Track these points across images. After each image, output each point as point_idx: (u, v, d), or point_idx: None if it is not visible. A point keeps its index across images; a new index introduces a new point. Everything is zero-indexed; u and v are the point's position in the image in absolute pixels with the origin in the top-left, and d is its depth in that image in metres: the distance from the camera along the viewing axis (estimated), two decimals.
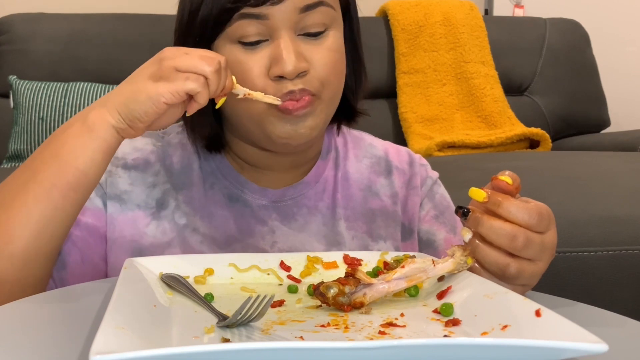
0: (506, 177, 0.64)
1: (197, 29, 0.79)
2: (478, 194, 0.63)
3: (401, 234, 0.91)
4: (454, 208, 0.92)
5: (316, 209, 0.88)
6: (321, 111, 0.79)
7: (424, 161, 0.96)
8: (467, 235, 0.64)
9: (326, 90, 0.79)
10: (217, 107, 0.73)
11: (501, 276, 0.63)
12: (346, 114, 0.90)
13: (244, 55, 0.77)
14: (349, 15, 0.85)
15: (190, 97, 0.69)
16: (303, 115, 0.77)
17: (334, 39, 0.79)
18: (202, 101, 0.68)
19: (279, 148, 0.83)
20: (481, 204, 0.63)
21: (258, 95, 0.74)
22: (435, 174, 0.95)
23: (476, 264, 0.64)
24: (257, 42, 0.76)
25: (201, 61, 0.67)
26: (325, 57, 0.78)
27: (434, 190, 0.94)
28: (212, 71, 0.67)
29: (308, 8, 0.76)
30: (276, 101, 0.75)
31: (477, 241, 0.63)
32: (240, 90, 0.73)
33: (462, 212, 0.64)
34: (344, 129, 0.95)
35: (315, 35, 0.78)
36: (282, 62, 0.75)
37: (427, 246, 0.91)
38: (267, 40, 0.77)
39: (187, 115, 0.71)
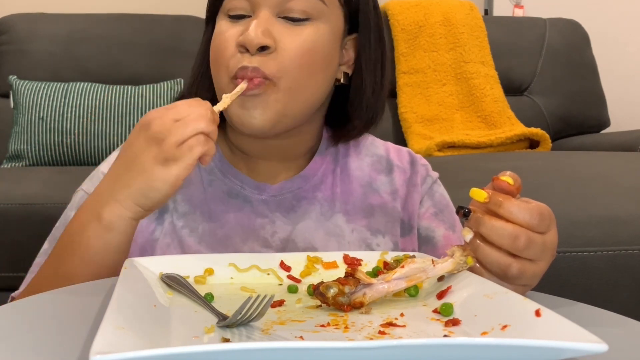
0: (507, 178, 0.63)
1: (208, 3, 0.85)
2: (479, 194, 0.63)
3: (401, 230, 0.92)
4: (453, 207, 0.94)
5: (315, 199, 0.89)
6: (276, 101, 0.78)
7: (425, 161, 0.97)
8: (468, 236, 0.64)
9: (285, 79, 0.78)
10: None
11: (503, 276, 0.63)
12: (344, 127, 0.90)
13: (227, 26, 0.80)
14: (357, 21, 0.85)
15: None
16: (253, 99, 0.77)
17: (314, 32, 0.79)
18: (212, 153, 0.68)
19: (239, 130, 0.83)
20: (482, 205, 0.63)
21: (227, 99, 0.74)
22: (435, 174, 0.96)
23: (477, 264, 0.64)
24: (241, 17, 0.80)
25: (195, 122, 0.66)
26: (295, 43, 0.78)
27: (434, 189, 0.95)
28: (209, 124, 0.67)
29: None
30: (240, 88, 0.76)
31: (478, 241, 0.63)
32: (217, 109, 0.73)
33: (463, 212, 0.64)
34: None
35: (294, 20, 0.79)
36: (247, 32, 0.77)
37: (426, 242, 0.92)
38: (250, 16, 0.79)
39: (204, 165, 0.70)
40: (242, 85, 0.76)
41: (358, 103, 0.87)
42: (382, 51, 0.88)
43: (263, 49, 0.77)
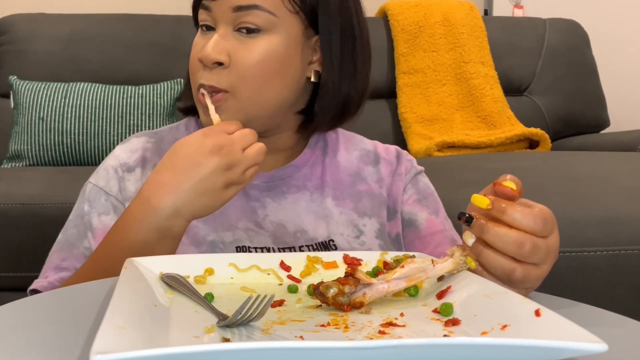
0: (510, 183, 0.63)
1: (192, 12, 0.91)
2: (481, 201, 0.63)
3: (387, 214, 0.96)
4: (437, 196, 0.99)
5: (305, 187, 0.94)
6: (237, 109, 0.84)
7: (411, 157, 1.02)
8: (470, 240, 0.63)
9: (243, 89, 0.84)
10: None
11: (507, 281, 0.63)
12: (316, 122, 0.92)
13: (199, 38, 0.87)
14: (322, 26, 0.87)
15: None
16: (217, 108, 0.84)
17: (266, 44, 0.84)
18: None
19: None
20: (483, 210, 0.63)
21: (215, 115, 0.83)
22: (420, 168, 1.01)
23: (480, 267, 0.64)
24: (210, 28, 0.86)
25: (257, 155, 0.77)
26: (248, 57, 0.83)
27: (418, 179, 0.99)
28: (264, 155, 0.77)
29: (240, 9, 0.83)
30: (212, 106, 0.84)
31: (481, 247, 0.63)
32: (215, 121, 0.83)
33: (465, 218, 0.63)
34: (339, 130, 1.01)
35: (249, 32, 0.84)
36: (204, 49, 0.84)
37: (409, 225, 0.96)
38: (214, 29, 0.86)
39: None
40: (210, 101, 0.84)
41: (322, 98, 0.89)
42: (353, 47, 0.89)
43: (219, 64, 0.83)
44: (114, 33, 2.44)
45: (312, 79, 0.89)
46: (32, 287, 0.88)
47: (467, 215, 0.63)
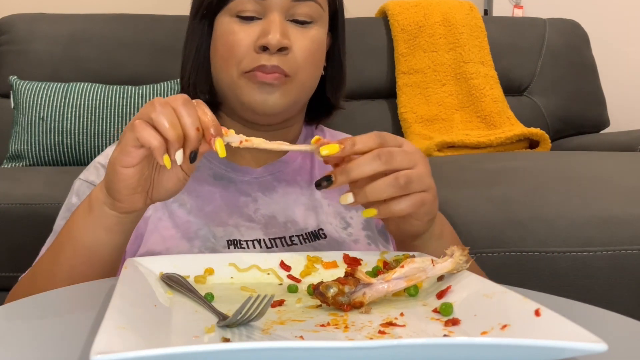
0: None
1: (206, 2, 0.91)
2: (332, 147, 0.68)
3: None
4: None
5: (295, 181, 0.97)
6: (291, 91, 0.88)
7: None
8: (349, 198, 0.69)
9: (300, 74, 0.88)
10: (220, 155, 0.67)
11: (416, 213, 0.71)
12: (325, 110, 1.00)
13: (238, 27, 0.88)
14: (336, 21, 0.96)
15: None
16: (272, 86, 0.86)
17: (317, 33, 0.90)
18: (160, 139, 0.64)
19: (250, 115, 0.91)
20: (336, 162, 0.69)
21: (258, 141, 0.70)
22: None
23: (380, 213, 0.69)
24: (252, 18, 0.88)
25: (145, 110, 0.65)
26: (306, 44, 0.88)
27: None
28: (151, 114, 0.64)
29: None
30: (251, 144, 0.70)
31: (362, 189, 0.69)
32: (235, 138, 0.68)
33: (324, 179, 0.69)
34: (324, 128, 1.06)
35: (302, 23, 0.89)
36: (268, 35, 0.85)
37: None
38: (260, 18, 0.88)
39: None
40: (253, 142, 0.70)
41: (339, 87, 0.99)
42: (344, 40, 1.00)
43: (282, 49, 0.86)
44: (114, 33, 2.43)
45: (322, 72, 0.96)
46: (22, 276, 0.90)
47: (324, 177, 0.69)
